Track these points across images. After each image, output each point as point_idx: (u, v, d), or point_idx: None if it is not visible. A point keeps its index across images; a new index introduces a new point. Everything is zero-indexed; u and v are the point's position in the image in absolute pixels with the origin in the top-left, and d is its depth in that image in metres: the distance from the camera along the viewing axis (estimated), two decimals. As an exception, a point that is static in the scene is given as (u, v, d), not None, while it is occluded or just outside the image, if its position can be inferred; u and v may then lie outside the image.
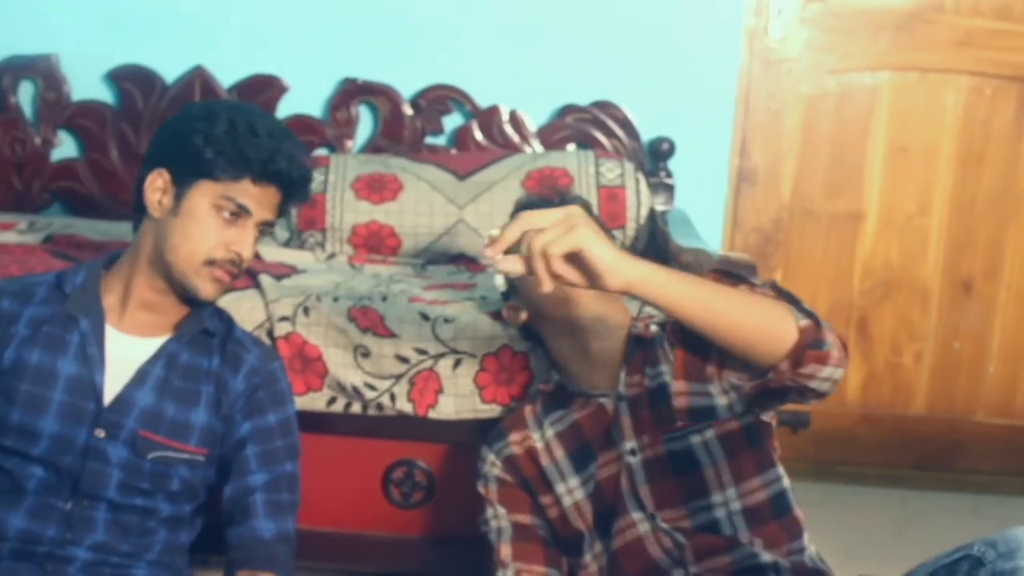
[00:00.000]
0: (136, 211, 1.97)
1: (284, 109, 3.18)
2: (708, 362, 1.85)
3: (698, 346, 1.82)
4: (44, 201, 3.21)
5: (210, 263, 1.91)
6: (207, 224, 1.90)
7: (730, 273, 1.88)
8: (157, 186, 1.93)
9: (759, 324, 1.68)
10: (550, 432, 2.00)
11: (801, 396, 1.78)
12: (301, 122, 3.17)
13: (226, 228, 1.91)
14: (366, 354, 2.28)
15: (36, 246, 2.69)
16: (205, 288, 1.92)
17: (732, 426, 1.87)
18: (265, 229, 1.96)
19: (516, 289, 2.07)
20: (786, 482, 1.90)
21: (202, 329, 1.99)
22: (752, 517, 1.85)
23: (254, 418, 2.00)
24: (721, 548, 1.85)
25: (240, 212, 1.91)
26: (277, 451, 2.01)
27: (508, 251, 1.59)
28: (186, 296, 1.94)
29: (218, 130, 1.89)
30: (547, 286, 1.56)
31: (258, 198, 1.91)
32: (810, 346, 1.68)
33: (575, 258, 1.57)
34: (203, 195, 1.90)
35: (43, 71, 3.17)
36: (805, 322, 1.69)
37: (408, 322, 2.29)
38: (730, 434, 1.87)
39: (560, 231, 1.55)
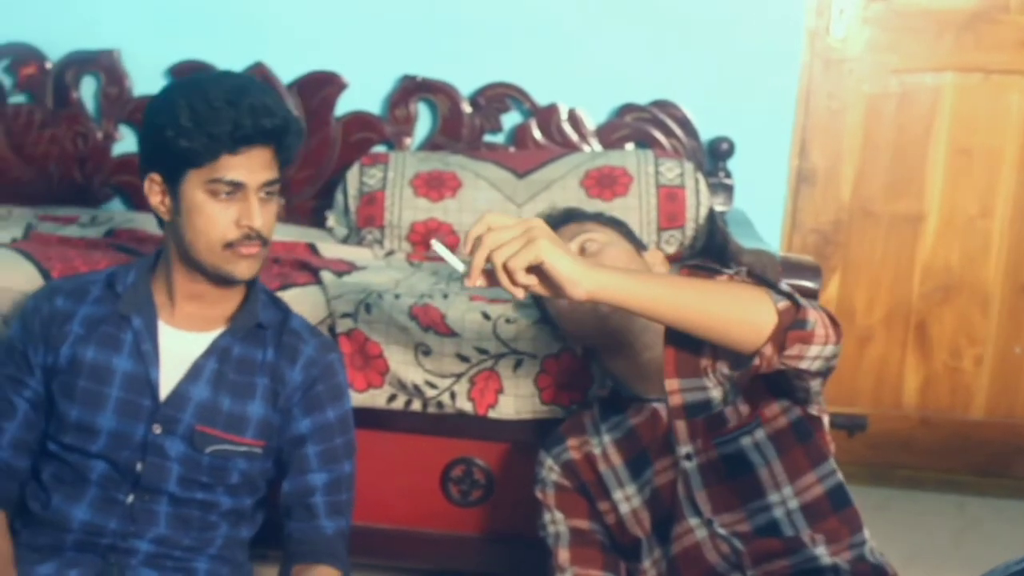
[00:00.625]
0: (156, 216, 1.99)
1: (343, 106, 3.18)
2: (702, 356, 1.83)
3: (689, 341, 1.79)
4: (105, 195, 3.23)
5: (228, 246, 1.90)
6: (208, 212, 1.89)
7: (703, 266, 1.88)
8: (155, 191, 1.94)
9: (733, 313, 1.68)
10: (607, 438, 1.99)
11: (799, 379, 1.78)
12: (360, 119, 3.18)
13: (228, 207, 1.89)
14: (427, 352, 2.28)
15: (99, 240, 2.71)
16: (238, 269, 1.92)
17: (781, 423, 1.86)
18: (270, 189, 1.93)
19: (552, 318, 2.09)
20: (841, 475, 1.88)
21: (255, 323, 2.00)
22: (811, 514, 1.83)
23: (313, 414, 2.01)
24: (779, 552, 1.83)
25: (234, 187, 1.89)
26: (336, 449, 2.02)
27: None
28: (226, 281, 1.95)
29: (182, 119, 1.86)
30: (519, 295, 1.61)
31: (246, 165, 1.89)
32: (791, 327, 1.67)
33: (540, 270, 1.60)
34: (194, 185, 1.89)
35: (105, 66, 3.20)
36: (784, 304, 1.68)
37: (469, 321, 2.28)
38: (779, 432, 1.85)
39: (519, 244, 1.58)
